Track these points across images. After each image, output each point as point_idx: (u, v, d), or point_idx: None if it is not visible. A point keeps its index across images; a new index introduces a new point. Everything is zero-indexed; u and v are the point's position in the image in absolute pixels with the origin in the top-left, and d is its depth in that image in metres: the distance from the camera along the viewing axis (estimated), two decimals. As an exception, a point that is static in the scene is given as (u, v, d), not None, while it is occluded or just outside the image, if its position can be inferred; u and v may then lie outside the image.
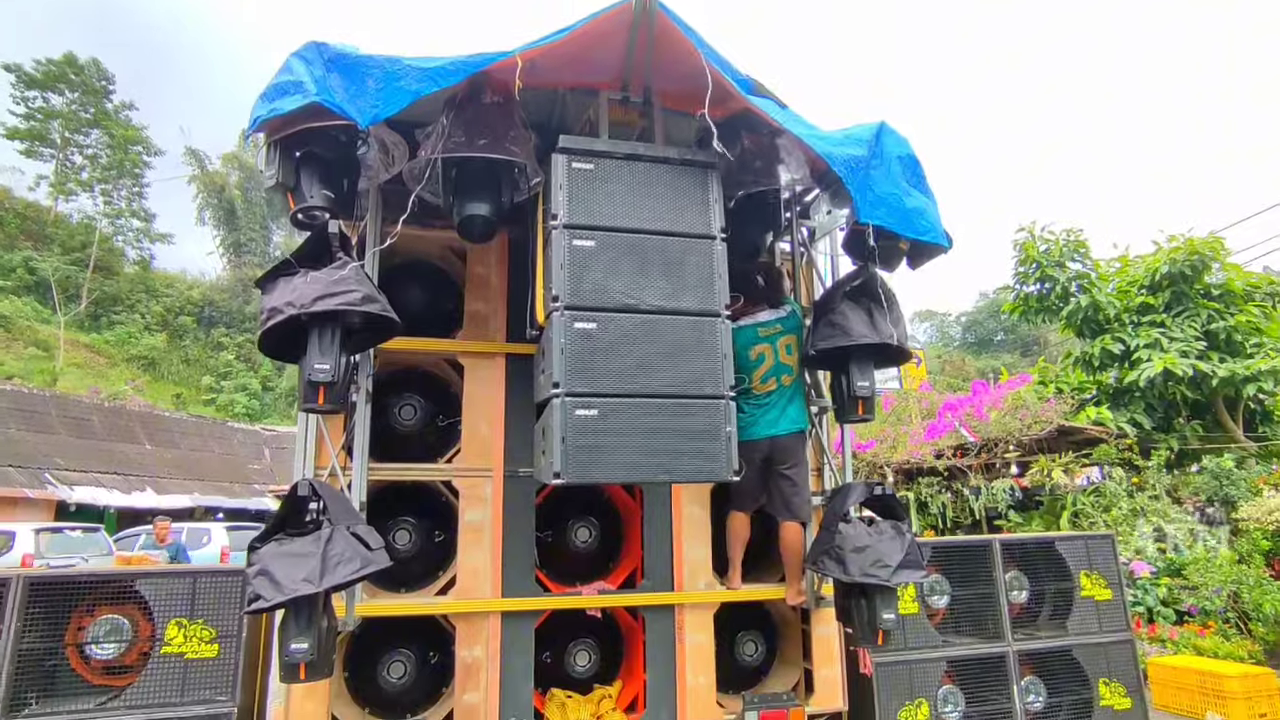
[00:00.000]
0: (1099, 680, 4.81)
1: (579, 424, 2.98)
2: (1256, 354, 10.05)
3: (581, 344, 3.06)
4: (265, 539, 2.99)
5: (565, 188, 3.19)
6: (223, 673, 3.62)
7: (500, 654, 3.85)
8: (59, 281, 35.91)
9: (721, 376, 3.22)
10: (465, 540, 3.90)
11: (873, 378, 3.87)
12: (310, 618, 2.93)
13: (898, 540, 3.63)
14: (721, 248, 3.37)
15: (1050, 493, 9.60)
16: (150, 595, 3.63)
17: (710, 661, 4.14)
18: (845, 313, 3.84)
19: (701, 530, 4.26)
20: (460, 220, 3.44)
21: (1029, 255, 11.48)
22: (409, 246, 4.37)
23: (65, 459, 18.65)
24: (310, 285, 3.04)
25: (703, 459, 3.11)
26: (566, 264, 3.11)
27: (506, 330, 4.19)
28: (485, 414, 4.05)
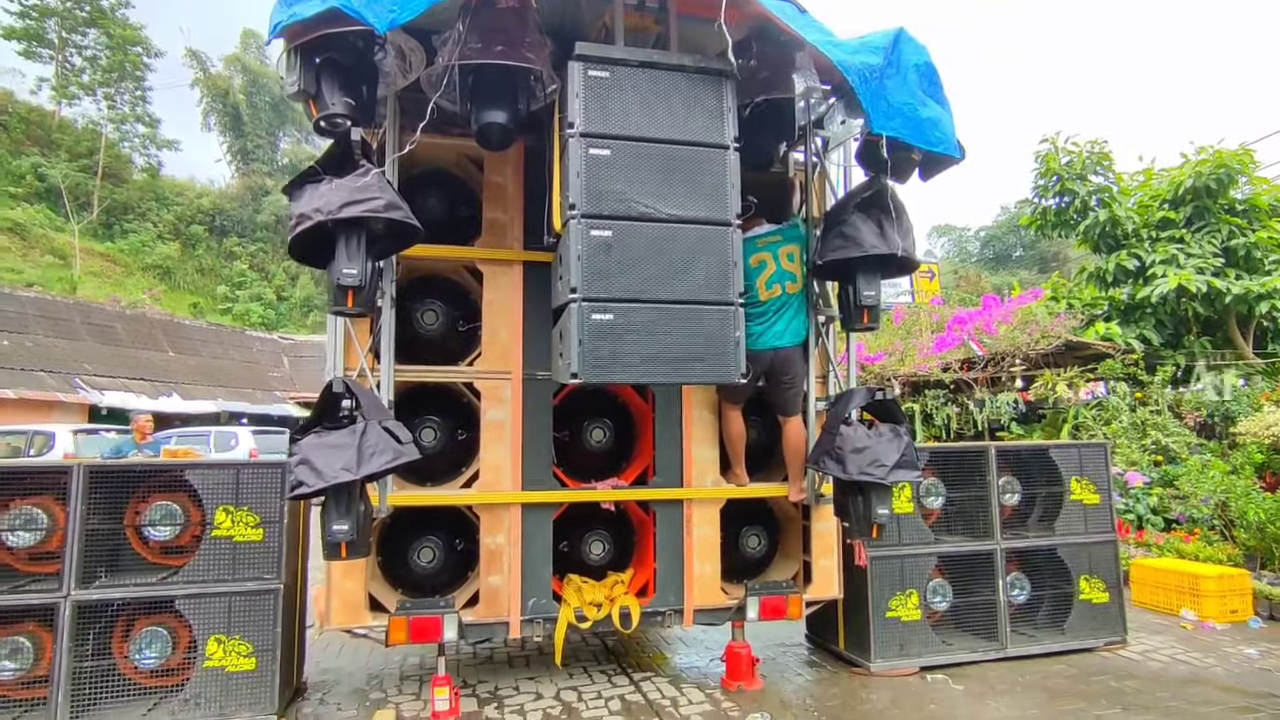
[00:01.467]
0: (1080, 576, 5.13)
1: (595, 328, 3.14)
2: (1275, 271, 9.97)
3: (598, 251, 3.18)
4: (305, 431, 3.23)
5: (581, 96, 3.23)
6: (268, 554, 3.96)
7: (521, 542, 4.16)
8: (69, 189, 35.74)
9: (731, 283, 3.35)
10: (487, 438, 4.15)
11: (879, 288, 3.99)
12: (349, 503, 3.19)
13: (895, 442, 3.83)
14: (734, 157, 3.42)
15: (1053, 406, 9.80)
16: (199, 484, 3.93)
17: (716, 552, 4.45)
18: (856, 224, 3.91)
19: (710, 432, 4.49)
20: (478, 128, 3.50)
21: (1050, 168, 11.23)
22: (426, 155, 4.43)
23: (93, 365, 19.19)
24: (336, 192, 3.15)
25: (712, 362, 3.28)
26: (583, 173, 3.20)
27: (524, 238, 4.29)
28: (504, 319, 4.22)
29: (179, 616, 3.89)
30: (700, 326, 3.28)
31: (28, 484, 3.91)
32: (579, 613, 4.19)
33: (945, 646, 4.85)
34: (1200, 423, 9.53)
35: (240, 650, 3.88)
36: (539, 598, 4.18)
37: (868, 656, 4.68)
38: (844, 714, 4.05)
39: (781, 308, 4.15)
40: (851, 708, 4.14)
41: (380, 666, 4.97)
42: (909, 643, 4.74)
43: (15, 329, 18.72)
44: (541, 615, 4.19)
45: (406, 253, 3.93)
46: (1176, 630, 5.61)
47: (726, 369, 3.30)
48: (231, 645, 3.87)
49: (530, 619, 4.17)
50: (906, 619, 4.74)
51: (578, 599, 4.25)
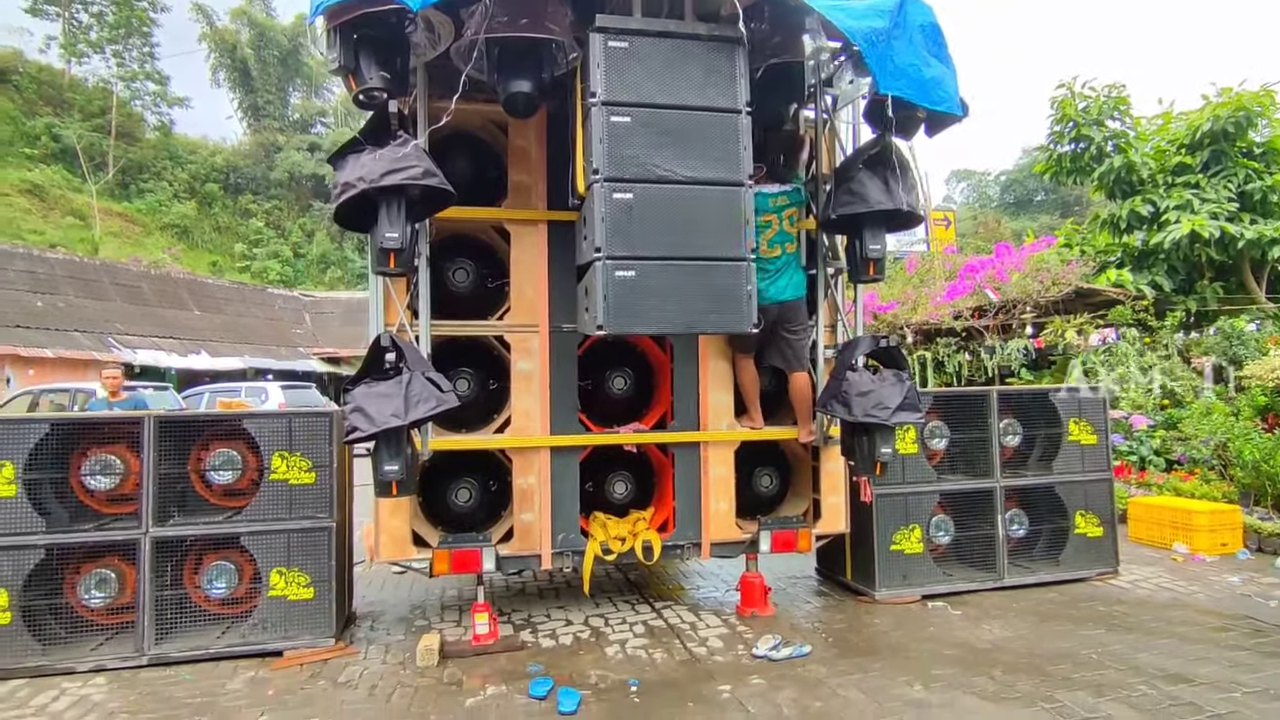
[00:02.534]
0: (1076, 512, 5.44)
1: (619, 284, 3.41)
2: (1289, 214, 9.97)
3: (620, 213, 3.43)
4: (355, 382, 3.56)
5: (602, 66, 3.43)
6: (321, 496, 4.34)
7: (550, 482, 4.51)
8: (84, 149, 35.97)
9: (743, 240, 3.60)
10: (517, 387, 4.47)
11: (884, 241, 4.21)
12: (398, 446, 3.54)
13: (898, 386, 4.11)
14: (746, 121, 3.63)
15: (1063, 353, 9.99)
16: (255, 432, 4.30)
17: (730, 491, 4.79)
18: (863, 181, 4.12)
19: (724, 380, 4.78)
20: (505, 98, 3.72)
21: (1065, 114, 11.15)
22: (454, 119, 4.63)
23: (124, 324, 19.75)
24: (377, 162, 3.40)
25: (727, 313, 3.55)
26: (605, 139, 3.42)
27: (548, 199, 4.53)
28: (531, 276, 4.49)
29: (243, 551, 4.31)
30: (715, 280, 3.54)
31: (104, 434, 4.29)
32: (604, 546, 4.57)
33: (946, 577, 5.20)
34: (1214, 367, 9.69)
35: (300, 581, 4.29)
36: (567, 533, 4.55)
37: (873, 586, 5.05)
38: (850, 635, 4.43)
39: (783, 267, 4.42)
40: (857, 630, 4.52)
41: (422, 598, 5.41)
42: (912, 573, 5.10)
43: (47, 290, 19.24)
44: (570, 549, 4.57)
45: (439, 215, 4.19)
46: (1167, 562, 5.94)
47: (740, 319, 3.57)
48: (292, 576, 4.28)
49: (560, 552, 4.55)
50: (910, 552, 5.09)
51: (603, 534, 4.62)
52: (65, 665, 3.97)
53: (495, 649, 4.26)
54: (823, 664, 3.97)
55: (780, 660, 4.02)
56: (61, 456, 4.21)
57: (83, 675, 3.94)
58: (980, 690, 3.57)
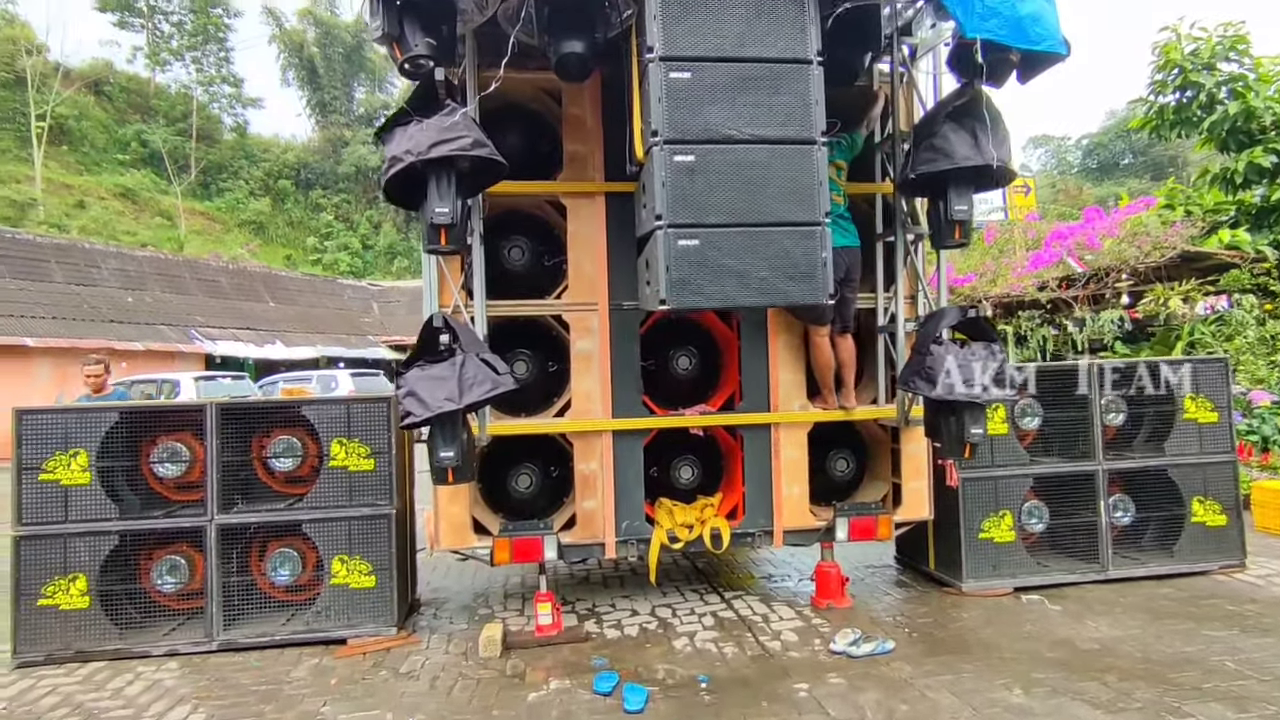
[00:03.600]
0: (1193, 498, 4.91)
1: (682, 254, 3.16)
2: None
3: (682, 176, 3.17)
4: (409, 365, 3.42)
5: (659, 18, 3.16)
6: (381, 482, 4.26)
7: (614, 467, 4.32)
8: (169, 152, 37.75)
9: (817, 203, 3.28)
10: (577, 368, 4.28)
11: (971, 201, 3.82)
12: (454, 431, 3.39)
13: (989, 358, 3.73)
14: (818, 72, 3.30)
15: (1165, 323, 9.19)
16: (315, 419, 4.24)
17: (804, 474, 4.50)
18: (947, 135, 3.73)
19: (796, 356, 4.48)
20: (557, 59, 3.50)
21: (1169, 59, 10.10)
22: (504, 91, 4.42)
23: (204, 317, 20.64)
24: (425, 133, 3.23)
25: (800, 283, 3.25)
26: (664, 98, 3.16)
27: (605, 170, 4.30)
28: (589, 251, 4.28)
29: (306, 539, 4.27)
30: (787, 247, 3.24)
31: (169, 422, 4.32)
32: (671, 534, 4.35)
33: (1041, 568, 4.78)
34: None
35: (361, 569, 4.23)
36: (632, 520, 4.35)
37: (959, 577, 4.68)
38: (937, 631, 4.09)
39: (837, 217, 4.11)
40: (944, 625, 4.18)
41: (485, 586, 5.32)
42: (1002, 563, 4.70)
43: (136, 286, 20.24)
44: (635, 537, 4.37)
45: (491, 190, 4.01)
46: (1298, 553, 5.33)
47: (815, 289, 3.27)
48: (353, 564, 4.22)
49: (625, 540, 4.36)
50: (1000, 540, 4.69)
51: (669, 521, 4.40)
52: (141, 649, 4.02)
53: (559, 640, 4.11)
54: (907, 662, 3.66)
55: (860, 657, 3.73)
56: (132, 445, 4.24)
57: (156, 659, 3.98)
58: (1092, 698, 3.20)
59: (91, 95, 37.72)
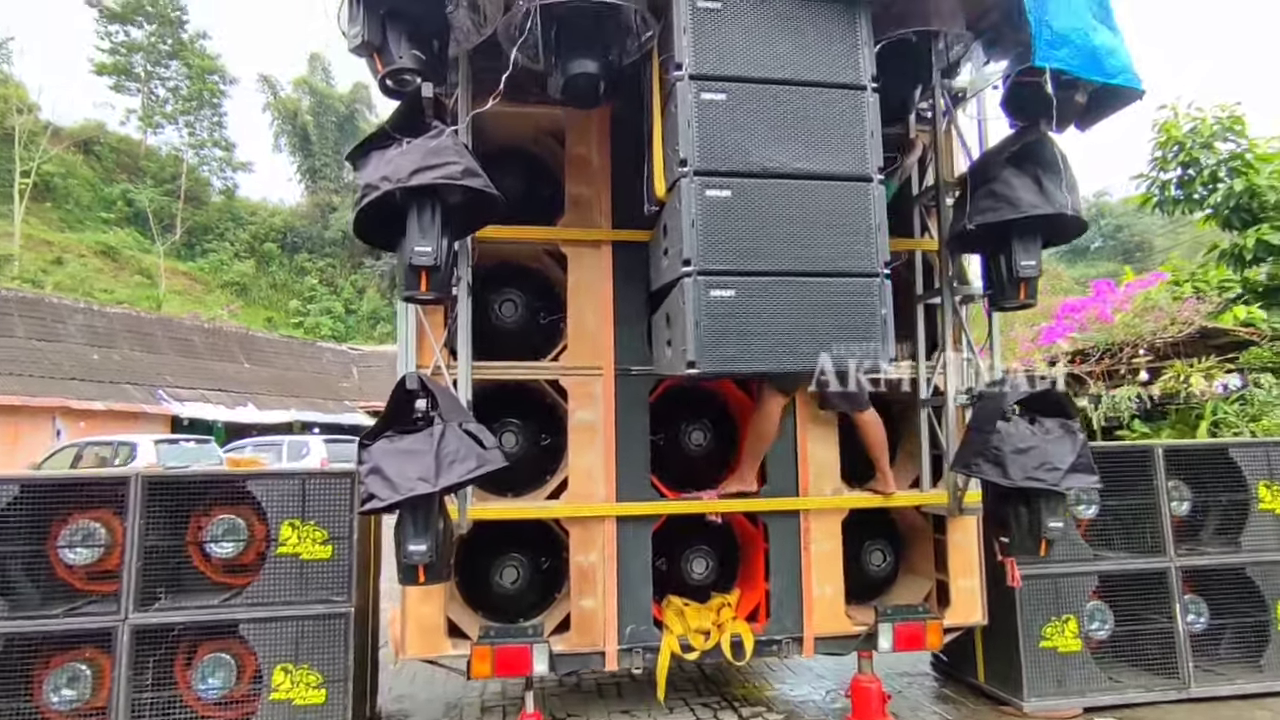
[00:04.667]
0: (1278, 602, 4.29)
1: (715, 306, 2.60)
2: None
3: (715, 214, 2.65)
4: (375, 436, 2.79)
5: (690, 31, 2.70)
6: (337, 573, 3.55)
7: (617, 559, 3.64)
8: (154, 212, 37.46)
9: (875, 250, 2.76)
10: (576, 442, 3.66)
11: (1039, 256, 3.33)
12: (427, 518, 2.74)
13: (1067, 440, 3.17)
14: (873, 99, 2.84)
15: (1184, 401, 8.75)
16: (262, 496, 3.55)
17: (838, 571, 3.84)
18: (1010, 181, 3.28)
19: (828, 430, 3.89)
20: (565, 81, 3.01)
21: (1170, 136, 10.11)
22: (501, 129, 4.00)
23: (174, 377, 19.77)
24: (406, 157, 2.71)
25: (856, 344, 2.69)
26: (694, 122, 2.66)
27: (612, 216, 3.80)
28: (592, 307, 3.72)
29: (243, 642, 3.52)
30: (839, 301, 2.70)
31: (87, 496, 3.60)
32: (684, 641, 3.65)
33: (1113, 684, 4.09)
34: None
35: (309, 680, 3.47)
36: (638, 624, 3.65)
37: (1018, 693, 3.98)
38: (1005, 767, 3.38)
39: None
40: (1012, 759, 3.46)
41: (459, 695, 4.53)
42: (1068, 678, 4.02)
43: (104, 343, 19.43)
44: (641, 644, 3.66)
45: (482, 235, 3.49)
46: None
47: (874, 352, 2.71)
48: (299, 675, 3.47)
49: (628, 648, 3.65)
50: (1064, 650, 4.02)
51: (681, 625, 3.71)
52: (21, 787, 3.20)
53: (547, 777, 3.34)
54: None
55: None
56: (38, 523, 3.52)
57: (39, 802, 3.16)
58: None
59: (80, 154, 37.64)
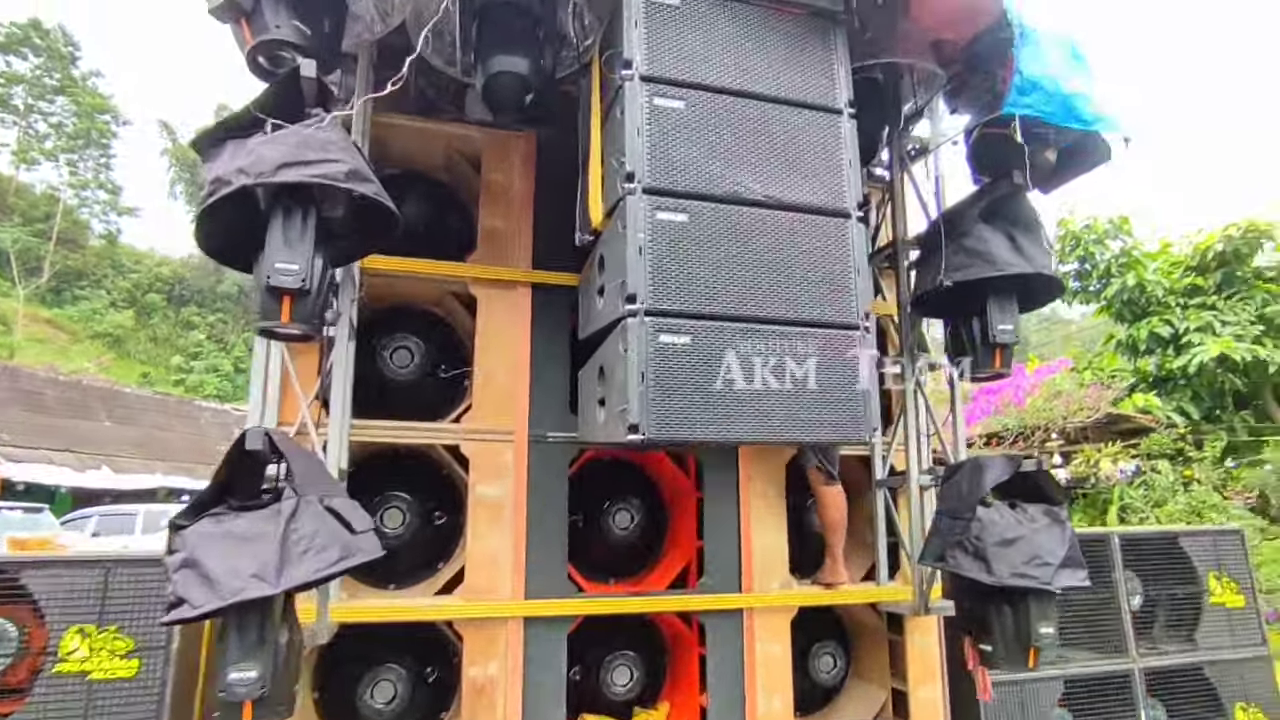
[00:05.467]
0: (1235, 706, 3.99)
1: (666, 355, 2.05)
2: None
3: (668, 242, 2.13)
4: (195, 513, 2.03)
5: (643, 25, 2.24)
6: (143, 699, 2.66)
7: (523, 671, 2.92)
8: (18, 253, 34.12)
9: (855, 297, 2.31)
10: (478, 522, 2.97)
11: (1017, 320, 2.99)
12: (261, 631, 1.98)
13: (1056, 530, 2.75)
14: (851, 126, 2.45)
15: (1094, 486, 8.85)
16: (42, 592, 2.65)
17: (788, 679, 3.26)
18: (984, 236, 2.96)
19: (776, 513, 3.36)
20: (486, 80, 2.49)
21: (1068, 230, 10.71)
22: (405, 148, 3.43)
23: (13, 434, 17.30)
24: (272, 146, 2.07)
25: (833, 411, 2.20)
26: (646, 130, 2.18)
27: (533, 254, 3.25)
28: (505, 359, 3.11)
29: (-1, 800, 2.54)
30: (813, 358, 2.21)
31: None
32: (601, 777, 2.93)
33: (1082, 807, 3.62)
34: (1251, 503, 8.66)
35: None
36: (546, 757, 2.91)
37: (984, 823, 3.44)
38: None
39: None
40: None
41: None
42: (1035, 802, 3.52)
43: (-73, 395, 16.88)
44: (548, 782, 2.91)
45: (372, 265, 2.87)
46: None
47: (854, 422, 2.22)
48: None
49: (533, 790, 2.89)
50: (1031, 770, 3.53)
51: (599, 756, 2.99)
52: None
53: None
54: None
55: None
56: None
57: None
58: None
59: (-67, 189, 34.16)
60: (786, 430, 2.15)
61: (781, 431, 2.14)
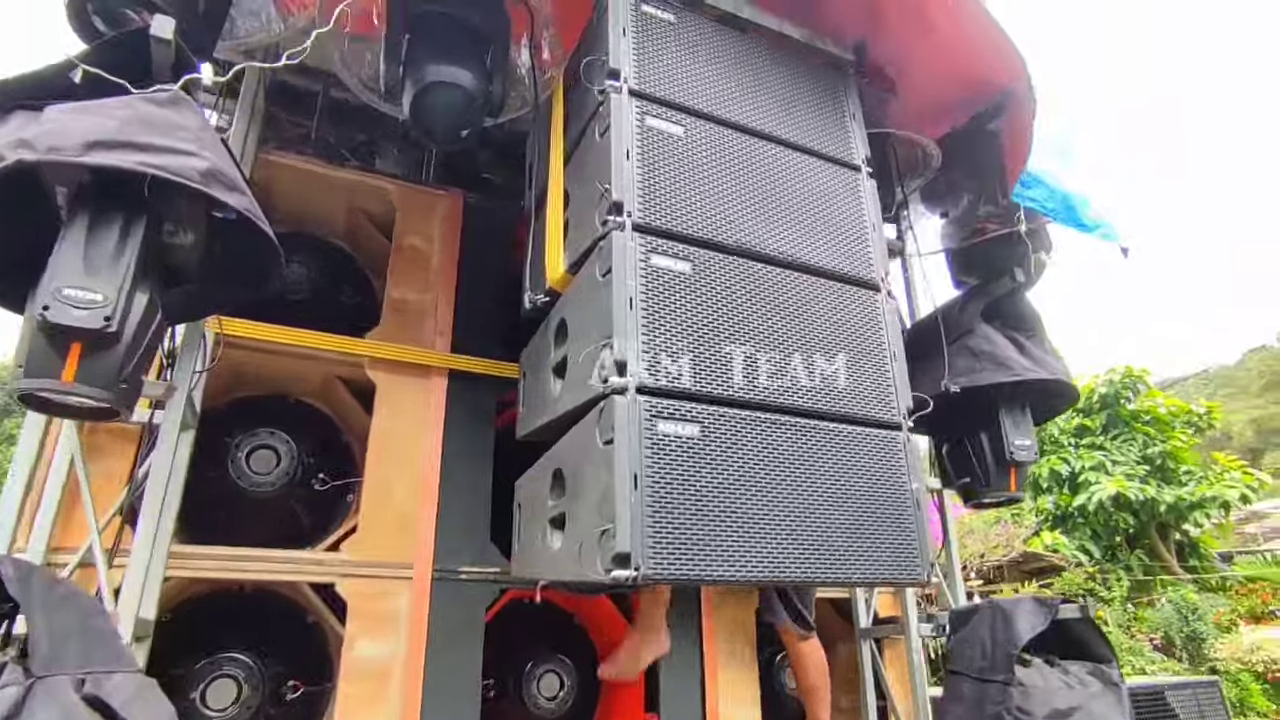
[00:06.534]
0: None
1: (668, 451, 1.41)
2: (1188, 480, 9.85)
3: (668, 295, 1.54)
4: None
5: (633, 35, 1.77)
6: None
7: None
8: None
9: (895, 390, 1.78)
10: (351, 699, 2.07)
11: (1033, 433, 2.56)
12: None
13: (1111, 697, 2.19)
14: (871, 185, 2.03)
15: (1010, 627, 8.55)
16: None
17: None
18: (990, 337, 2.57)
19: (747, 679, 2.63)
20: (418, 95, 1.92)
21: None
22: (293, 200, 2.78)
23: None
24: (84, 117, 1.37)
25: (880, 542, 1.59)
26: (637, 154, 1.64)
27: (453, 334, 2.58)
28: (407, 467, 2.35)
29: None
30: (852, 467, 1.63)
31: None
32: None
33: None
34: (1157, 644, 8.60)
35: None
36: None
37: None
38: None
39: None
40: None
41: None
42: None
43: None
44: None
45: (237, 332, 2.12)
46: None
47: (910, 558, 1.62)
48: None
49: None
50: None
51: None
52: None
53: None
54: None
55: None
56: None
57: None
58: None
59: None
60: (831, 565, 1.51)
61: (826, 568, 1.50)
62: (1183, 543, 10.53)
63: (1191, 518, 9.64)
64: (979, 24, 2.11)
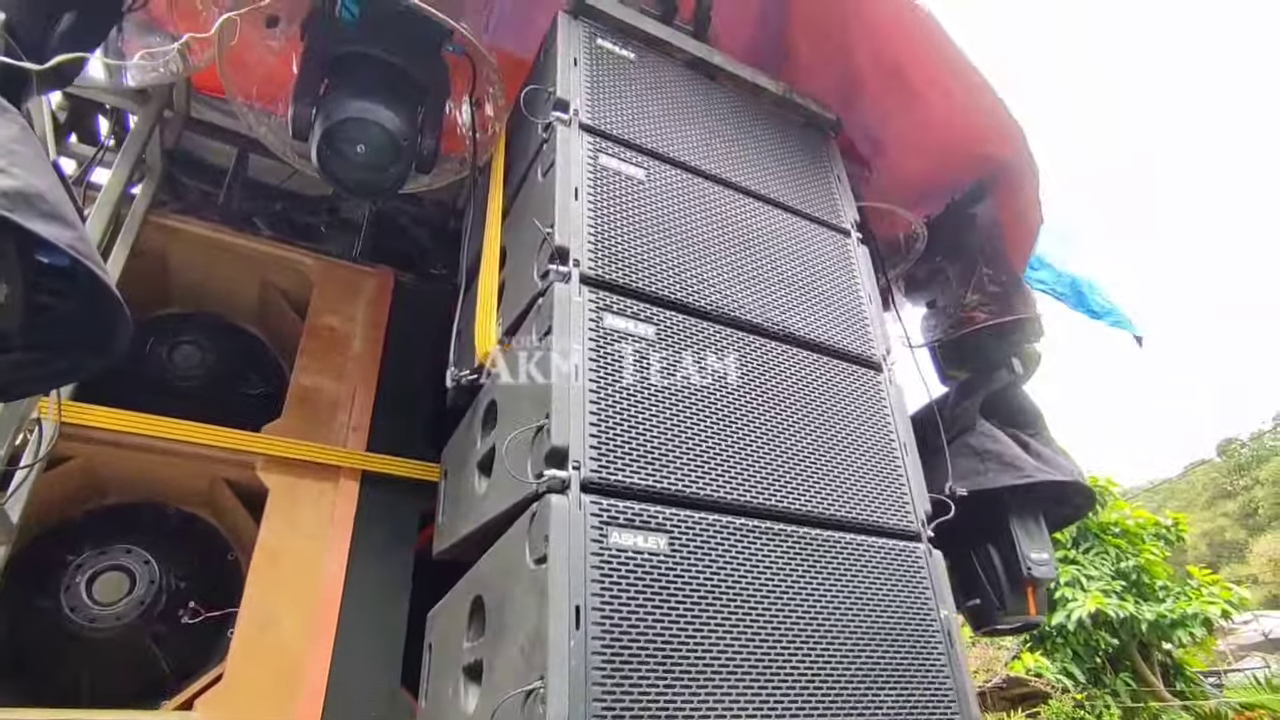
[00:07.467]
0: None
1: (626, 572, 1.01)
2: (1166, 596, 9.52)
3: (623, 366, 1.19)
4: None
5: (586, 67, 1.51)
6: None
7: None
8: None
9: (909, 490, 1.42)
10: None
11: (1050, 545, 2.21)
12: None
13: None
14: (863, 252, 1.75)
15: (999, 763, 7.84)
16: None
17: None
18: (995, 435, 2.26)
19: None
20: (329, 129, 1.61)
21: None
22: (194, 274, 2.39)
23: None
24: None
25: (908, 697, 1.18)
26: (587, 194, 1.33)
27: (370, 433, 2.16)
28: (299, 596, 1.86)
29: None
30: (863, 587, 1.24)
31: None
32: None
33: None
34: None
35: None
36: None
37: None
38: None
39: None
40: None
41: None
42: None
43: None
44: None
45: (90, 421, 1.70)
46: None
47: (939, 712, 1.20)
48: None
49: None
50: None
51: None
52: None
53: None
54: None
55: None
56: None
57: None
58: None
59: None
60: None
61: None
62: (1166, 663, 10.04)
63: (1175, 636, 9.21)
64: (970, 91, 1.92)
